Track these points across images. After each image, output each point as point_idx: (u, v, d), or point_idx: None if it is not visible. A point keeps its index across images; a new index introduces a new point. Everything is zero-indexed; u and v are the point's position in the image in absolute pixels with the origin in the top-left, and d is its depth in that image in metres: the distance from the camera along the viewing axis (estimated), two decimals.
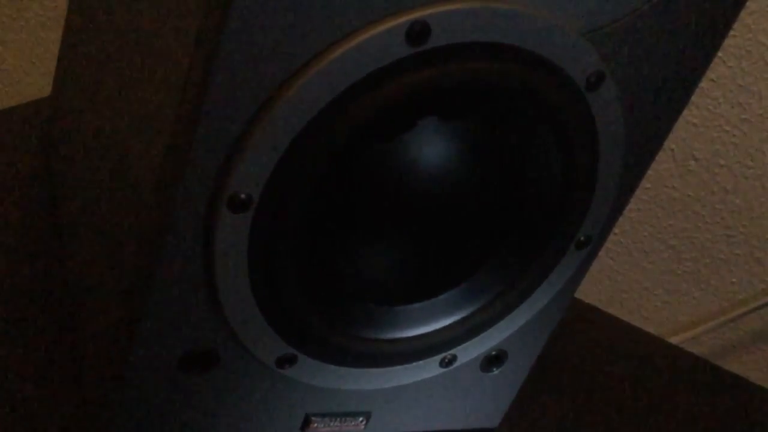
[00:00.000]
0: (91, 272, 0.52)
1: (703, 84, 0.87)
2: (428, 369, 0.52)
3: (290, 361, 0.48)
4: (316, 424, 0.52)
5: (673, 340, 0.96)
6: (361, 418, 0.53)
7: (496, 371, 0.55)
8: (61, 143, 0.65)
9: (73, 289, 0.56)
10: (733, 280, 0.96)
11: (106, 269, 0.48)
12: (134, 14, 0.47)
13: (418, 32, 0.38)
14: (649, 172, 0.92)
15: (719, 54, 0.86)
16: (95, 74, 0.55)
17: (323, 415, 0.52)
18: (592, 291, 1.00)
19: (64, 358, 0.52)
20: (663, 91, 0.46)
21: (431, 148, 0.44)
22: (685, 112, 0.89)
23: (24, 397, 0.50)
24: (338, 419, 0.52)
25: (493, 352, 0.54)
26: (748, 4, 0.82)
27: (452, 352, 0.52)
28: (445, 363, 0.52)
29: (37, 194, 0.65)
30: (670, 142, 0.91)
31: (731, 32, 0.84)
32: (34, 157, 0.69)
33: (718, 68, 0.86)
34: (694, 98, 0.88)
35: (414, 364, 0.51)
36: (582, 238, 0.50)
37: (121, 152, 0.47)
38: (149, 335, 0.44)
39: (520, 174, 0.47)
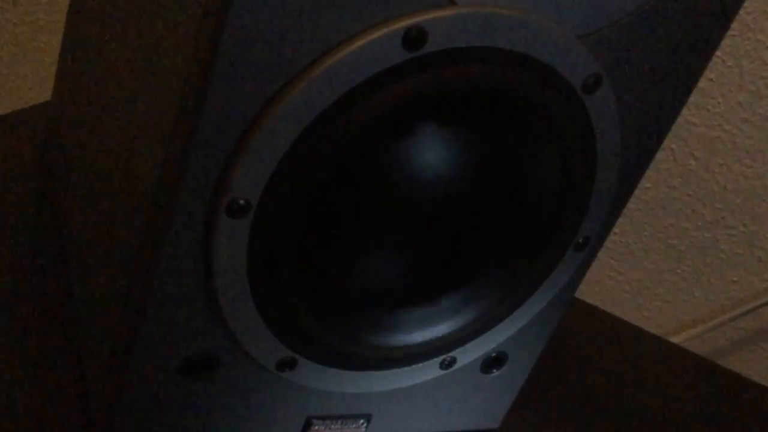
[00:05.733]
0: (92, 277, 0.52)
1: (703, 84, 0.87)
2: (428, 371, 0.52)
3: (290, 364, 0.48)
4: (316, 427, 0.52)
5: (674, 339, 0.96)
6: (361, 421, 0.53)
7: (496, 373, 0.55)
8: (62, 148, 0.65)
9: (73, 295, 0.57)
10: (734, 279, 0.96)
11: (106, 274, 0.48)
12: (134, 19, 0.47)
13: (414, 38, 0.38)
14: (650, 171, 0.92)
15: (718, 54, 0.86)
16: (95, 79, 0.55)
17: (324, 418, 0.52)
18: (592, 290, 1.00)
19: (65, 363, 0.53)
20: (660, 92, 0.46)
21: (429, 152, 0.45)
22: (685, 112, 0.89)
23: (25, 403, 0.50)
24: (339, 422, 0.53)
25: (493, 354, 0.54)
26: (747, 3, 0.82)
27: (452, 354, 0.52)
28: (445, 365, 0.52)
29: (38, 198, 0.65)
30: (669, 142, 0.91)
31: (730, 32, 0.84)
32: (35, 161, 0.70)
33: (718, 68, 0.86)
34: (693, 98, 0.88)
35: (414, 366, 0.52)
36: (581, 240, 0.50)
37: (120, 157, 0.48)
38: (150, 340, 0.44)
39: (519, 177, 0.47)
